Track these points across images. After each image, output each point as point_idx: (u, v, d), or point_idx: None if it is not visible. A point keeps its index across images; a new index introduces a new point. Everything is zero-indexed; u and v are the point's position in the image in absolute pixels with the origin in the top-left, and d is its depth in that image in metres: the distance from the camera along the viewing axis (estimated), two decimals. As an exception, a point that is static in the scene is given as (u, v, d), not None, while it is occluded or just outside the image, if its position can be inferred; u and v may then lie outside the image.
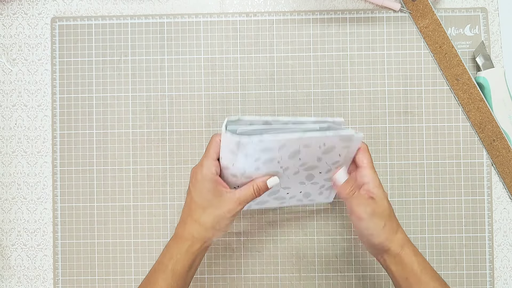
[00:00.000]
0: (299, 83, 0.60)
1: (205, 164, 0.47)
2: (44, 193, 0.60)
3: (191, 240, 0.47)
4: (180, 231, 0.48)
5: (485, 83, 0.58)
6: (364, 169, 0.47)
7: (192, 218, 0.47)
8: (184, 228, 0.48)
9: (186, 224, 0.47)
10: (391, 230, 0.46)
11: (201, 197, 0.47)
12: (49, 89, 0.60)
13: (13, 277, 0.60)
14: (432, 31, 0.59)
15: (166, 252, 0.48)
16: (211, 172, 0.46)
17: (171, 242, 0.48)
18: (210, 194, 0.46)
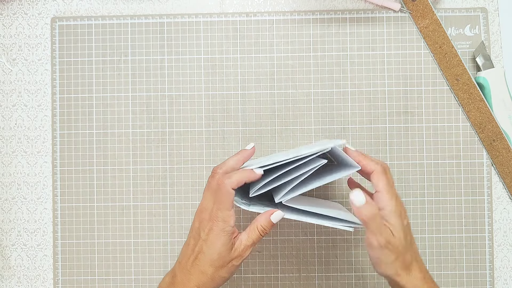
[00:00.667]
0: (299, 83, 0.60)
1: (222, 217, 0.43)
2: (44, 193, 0.60)
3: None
4: (184, 280, 0.44)
5: (485, 83, 0.58)
6: (379, 194, 0.43)
7: (199, 270, 0.44)
8: (188, 278, 0.44)
9: (192, 275, 0.44)
10: (403, 266, 0.43)
11: (214, 252, 0.43)
12: (49, 89, 0.60)
13: (13, 277, 0.60)
14: (432, 31, 0.59)
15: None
16: (229, 226, 0.43)
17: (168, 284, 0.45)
18: (224, 248, 0.43)
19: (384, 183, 0.43)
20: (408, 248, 0.43)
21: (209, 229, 0.43)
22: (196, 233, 0.44)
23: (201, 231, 0.44)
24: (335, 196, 0.59)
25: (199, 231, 0.44)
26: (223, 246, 0.43)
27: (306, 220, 0.47)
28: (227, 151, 0.60)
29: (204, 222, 0.44)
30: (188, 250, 0.45)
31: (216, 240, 0.43)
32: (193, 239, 0.45)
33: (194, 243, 0.44)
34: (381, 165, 0.44)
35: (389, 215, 0.42)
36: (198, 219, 0.45)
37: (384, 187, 0.43)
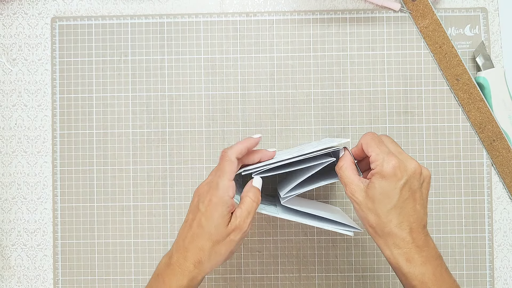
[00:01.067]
0: (299, 83, 0.60)
1: (221, 185, 0.42)
2: (44, 193, 0.60)
3: (194, 271, 0.42)
4: (180, 259, 0.42)
5: (485, 83, 0.57)
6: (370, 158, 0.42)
7: (197, 246, 0.42)
8: (185, 256, 0.42)
9: (189, 252, 0.42)
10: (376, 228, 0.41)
11: (212, 223, 0.42)
12: (49, 89, 0.60)
13: (13, 277, 0.60)
14: (432, 31, 0.59)
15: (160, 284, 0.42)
16: (228, 195, 0.42)
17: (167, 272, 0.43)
18: (221, 221, 0.42)
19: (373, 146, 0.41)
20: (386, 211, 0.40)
21: (208, 200, 0.42)
22: (195, 207, 0.43)
23: (200, 204, 0.43)
24: (335, 196, 0.59)
25: (198, 204, 0.43)
26: (220, 217, 0.42)
27: (306, 223, 0.47)
28: (227, 151, 0.60)
29: (203, 195, 0.43)
30: (185, 227, 0.44)
31: (214, 211, 0.42)
32: (192, 213, 0.44)
33: (192, 217, 0.43)
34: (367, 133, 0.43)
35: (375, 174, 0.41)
36: (197, 194, 0.44)
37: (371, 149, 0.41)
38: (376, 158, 0.41)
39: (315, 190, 0.59)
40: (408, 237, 0.41)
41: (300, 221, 0.47)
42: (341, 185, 0.59)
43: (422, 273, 0.40)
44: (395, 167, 0.40)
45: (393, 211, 0.40)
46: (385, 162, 0.40)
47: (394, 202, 0.40)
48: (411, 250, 0.40)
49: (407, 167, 0.40)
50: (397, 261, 0.41)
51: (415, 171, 0.41)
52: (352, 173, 0.43)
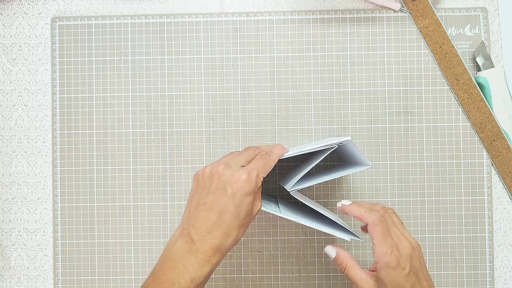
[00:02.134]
0: (299, 83, 0.60)
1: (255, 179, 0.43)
2: (44, 193, 0.60)
3: (218, 257, 0.42)
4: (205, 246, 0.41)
5: (485, 83, 0.57)
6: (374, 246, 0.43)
7: (224, 232, 0.41)
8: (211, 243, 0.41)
9: (215, 239, 0.41)
10: None
11: (241, 212, 0.42)
12: (49, 89, 0.60)
13: (13, 277, 0.60)
14: (432, 31, 0.59)
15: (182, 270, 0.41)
16: (258, 187, 0.43)
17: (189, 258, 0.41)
18: (250, 209, 0.42)
19: (378, 236, 0.43)
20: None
21: (238, 186, 0.42)
22: (219, 190, 0.42)
23: (227, 188, 0.42)
24: (335, 196, 0.59)
25: (224, 187, 0.42)
26: (250, 204, 0.42)
27: (306, 224, 0.47)
28: (227, 151, 0.60)
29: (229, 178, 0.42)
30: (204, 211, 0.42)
31: (245, 199, 0.42)
32: (212, 197, 0.42)
33: (214, 199, 0.42)
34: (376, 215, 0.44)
35: (380, 269, 0.42)
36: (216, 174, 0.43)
37: (377, 241, 0.43)
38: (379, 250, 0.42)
39: (316, 190, 0.59)
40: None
41: (300, 221, 0.47)
42: (341, 185, 0.59)
43: None
44: (398, 257, 0.42)
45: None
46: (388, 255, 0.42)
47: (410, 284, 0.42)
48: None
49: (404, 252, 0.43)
50: None
51: (412, 253, 0.43)
52: (358, 271, 0.45)
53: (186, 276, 0.40)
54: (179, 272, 0.41)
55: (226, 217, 0.42)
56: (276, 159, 0.46)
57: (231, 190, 0.42)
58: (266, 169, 0.44)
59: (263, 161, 0.45)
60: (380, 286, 0.43)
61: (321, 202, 0.59)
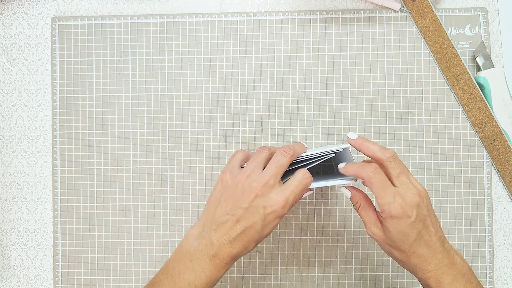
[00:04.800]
0: (299, 83, 0.60)
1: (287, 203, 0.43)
2: (44, 193, 0.60)
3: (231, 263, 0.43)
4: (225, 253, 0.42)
5: (485, 83, 0.57)
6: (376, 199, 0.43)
7: (243, 245, 0.43)
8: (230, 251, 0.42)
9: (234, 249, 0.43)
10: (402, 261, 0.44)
11: (267, 230, 0.43)
12: (49, 89, 0.60)
13: (13, 277, 0.60)
14: (432, 31, 0.59)
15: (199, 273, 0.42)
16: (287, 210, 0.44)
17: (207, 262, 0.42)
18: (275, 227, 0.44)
19: (376, 188, 0.42)
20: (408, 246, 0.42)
21: (271, 207, 0.42)
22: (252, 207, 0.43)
23: (260, 208, 0.42)
24: (335, 196, 0.59)
25: (257, 206, 0.42)
26: (276, 226, 0.43)
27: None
28: (227, 151, 0.60)
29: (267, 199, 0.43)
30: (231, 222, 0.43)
31: (274, 221, 0.43)
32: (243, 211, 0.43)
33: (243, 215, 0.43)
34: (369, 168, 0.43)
35: (385, 218, 0.43)
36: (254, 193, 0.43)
37: (377, 193, 0.42)
38: (382, 202, 0.42)
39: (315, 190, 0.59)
40: (433, 261, 0.43)
41: None
42: (341, 185, 0.59)
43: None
44: (402, 206, 0.41)
45: (414, 244, 0.42)
46: (391, 206, 0.42)
47: (413, 237, 0.42)
48: (437, 272, 0.43)
49: (411, 201, 0.42)
50: (427, 282, 0.43)
51: (418, 200, 0.42)
52: (371, 212, 0.45)
53: (203, 279, 0.42)
54: (196, 275, 0.42)
55: (251, 232, 0.43)
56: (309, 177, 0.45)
57: (264, 212, 0.42)
58: (301, 194, 0.45)
59: (301, 185, 0.44)
60: (386, 233, 0.43)
61: (321, 202, 0.59)
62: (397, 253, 0.43)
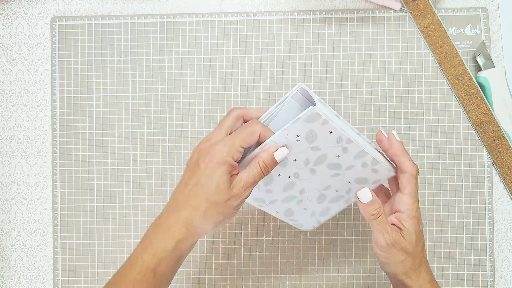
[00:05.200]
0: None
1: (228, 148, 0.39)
2: (44, 193, 0.60)
3: (184, 233, 0.39)
4: (170, 219, 0.39)
5: (485, 83, 0.57)
6: (403, 196, 0.43)
7: (191, 205, 0.39)
8: (177, 217, 0.39)
9: (181, 212, 0.39)
10: (412, 267, 0.43)
11: (212, 182, 0.38)
12: (49, 89, 0.60)
13: (12, 277, 0.60)
14: (432, 31, 0.59)
15: (147, 245, 0.39)
16: (232, 158, 0.39)
17: (154, 232, 0.39)
18: (223, 180, 0.38)
19: (413, 189, 0.43)
20: (418, 252, 0.43)
21: (210, 157, 0.39)
22: (194, 164, 0.40)
23: (200, 160, 0.39)
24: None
25: (198, 161, 0.40)
26: (222, 176, 0.38)
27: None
28: (227, 151, 0.59)
29: (204, 151, 0.40)
30: (181, 185, 0.40)
31: (216, 168, 0.38)
32: (189, 171, 0.40)
33: (190, 174, 0.40)
34: (416, 168, 0.43)
35: (407, 219, 0.42)
36: (197, 150, 0.41)
37: (411, 192, 0.42)
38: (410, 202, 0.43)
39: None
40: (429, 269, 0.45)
41: None
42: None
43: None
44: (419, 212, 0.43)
45: (422, 250, 0.44)
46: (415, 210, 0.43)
47: (423, 241, 0.44)
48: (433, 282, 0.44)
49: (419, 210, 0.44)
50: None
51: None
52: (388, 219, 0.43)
53: (149, 250, 0.39)
54: (143, 247, 0.40)
55: (197, 189, 0.39)
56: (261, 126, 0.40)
57: (203, 161, 0.39)
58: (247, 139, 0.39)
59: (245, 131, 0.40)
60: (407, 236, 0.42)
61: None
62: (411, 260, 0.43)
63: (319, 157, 0.43)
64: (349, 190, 0.47)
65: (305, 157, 0.42)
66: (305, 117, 0.38)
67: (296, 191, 0.46)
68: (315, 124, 0.39)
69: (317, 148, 0.42)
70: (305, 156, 0.42)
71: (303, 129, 0.39)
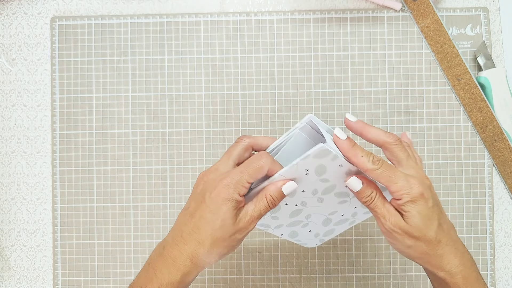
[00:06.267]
0: (299, 83, 0.59)
1: (235, 185, 0.38)
2: (43, 193, 0.60)
3: (189, 266, 0.38)
4: (175, 251, 0.39)
5: (486, 83, 0.57)
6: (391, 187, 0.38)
7: (196, 239, 0.38)
8: (182, 249, 0.39)
9: (186, 245, 0.39)
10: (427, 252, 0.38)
11: (217, 218, 0.38)
12: (49, 89, 0.60)
13: (12, 277, 0.60)
14: (433, 31, 0.59)
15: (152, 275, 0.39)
16: (239, 194, 0.38)
17: (159, 262, 0.39)
18: (229, 215, 0.38)
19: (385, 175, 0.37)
20: (431, 235, 0.38)
21: (217, 192, 0.38)
22: (199, 195, 0.39)
23: (207, 194, 0.38)
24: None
25: (204, 193, 0.39)
26: (228, 212, 0.38)
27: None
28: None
29: (210, 184, 0.39)
30: (185, 216, 0.40)
31: (222, 205, 0.38)
32: (194, 202, 0.39)
33: (195, 206, 0.39)
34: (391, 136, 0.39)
35: (405, 203, 0.38)
36: (202, 181, 0.40)
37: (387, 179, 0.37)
38: (397, 187, 0.37)
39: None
40: (458, 253, 0.39)
41: None
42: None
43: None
44: (419, 188, 0.37)
45: (438, 231, 0.38)
46: (410, 189, 0.37)
47: (436, 223, 0.38)
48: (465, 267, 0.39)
49: (424, 183, 0.38)
50: (454, 280, 0.39)
51: (430, 184, 0.39)
52: (386, 202, 0.39)
53: (154, 281, 0.39)
54: (148, 277, 0.39)
55: (201, 223, 0.38)
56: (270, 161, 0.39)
57: (209, 195, 0.38)
58: (255, 174, 0.39)
59: (253, 165, 0.39)
60: (410, 220, 0.38)
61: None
62: (423, 245, 0.38)
63: (327, 188, 0.42)
64: (355, 214, 0.46)
65: (313, 188, 0.41)
66: (314, 154, 0.37)
67: (303, 217, 0.45)
68: (324, 159, 0.38)
69: (326, 180, 0.41)
70: (314, 186, 0.41)
71: (313, 164, 0.39)
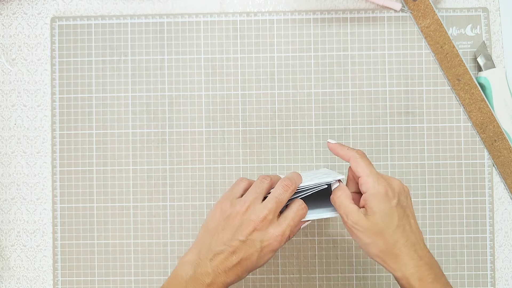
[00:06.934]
0: (299, 83, 0.59)
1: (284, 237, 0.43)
2: (43, 193, 0.60)
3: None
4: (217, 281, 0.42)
5: (486, 83, 0.57)
6: (360, 179, 0.43)
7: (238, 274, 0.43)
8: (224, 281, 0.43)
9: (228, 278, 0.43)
10: (384, 250, 0.42)
11: (261, 262, 0.44)
12: (49, 89, 0.60)
13: (12, 278, 0.60)
14: (433, 31, 0.59)
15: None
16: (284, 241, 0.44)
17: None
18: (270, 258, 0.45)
19: (361, 166, 0.43)
20: (390, 233, 0.41)
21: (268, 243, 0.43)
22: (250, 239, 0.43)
23: (259, 242, 0.43)
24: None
25: (257, 239, 0.43)
26: (270, 258, 0.44)
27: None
28: (227, 151, 0.59)
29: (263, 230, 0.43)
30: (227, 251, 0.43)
31: (270, 254, 0.43)
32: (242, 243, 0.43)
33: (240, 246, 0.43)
34: (355, 151, 0.45)
35: (369, 197, 0.42)
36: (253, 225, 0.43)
37: (363, 171, 0.43)
38: (367, 180, 0.42)
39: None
40: (415, 255, 0.42)
41: None
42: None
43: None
44: (386, 187, 0.42)
45: (397, 231, 0.42)
46: (376, 184, 0.42)
47: (396, 221, 0.42)
48: (421, 268, 0.41)
49: (394, 185, 0.43)
50: (409, 281, 0.41)
51: (400, 188, 0.43)
52: (350, 202, 0.43)
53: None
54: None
55: (246, 263, 0.43)
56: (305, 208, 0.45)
57: (261, 245, 0.43)
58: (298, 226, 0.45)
59: (297, 216, 0.44)
60: (370, 216, 0.42)
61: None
62: (380, 242, 0.42)
63: None
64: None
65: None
66: None
67: None
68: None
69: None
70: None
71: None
